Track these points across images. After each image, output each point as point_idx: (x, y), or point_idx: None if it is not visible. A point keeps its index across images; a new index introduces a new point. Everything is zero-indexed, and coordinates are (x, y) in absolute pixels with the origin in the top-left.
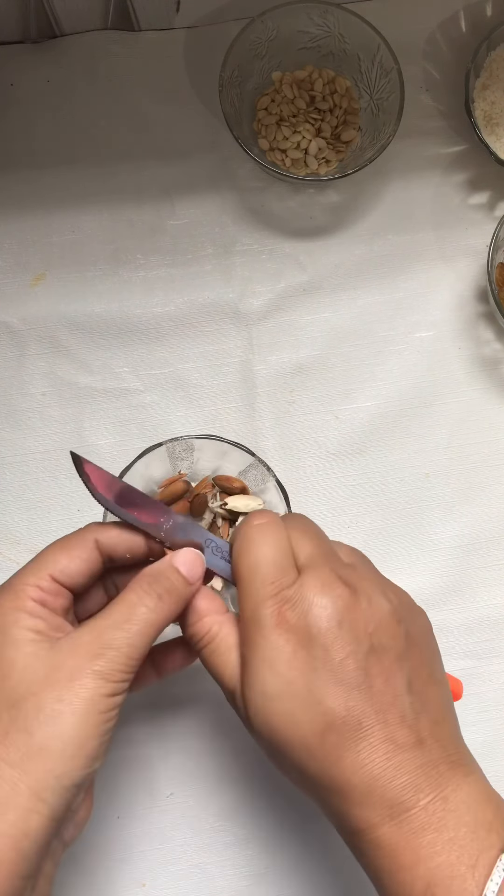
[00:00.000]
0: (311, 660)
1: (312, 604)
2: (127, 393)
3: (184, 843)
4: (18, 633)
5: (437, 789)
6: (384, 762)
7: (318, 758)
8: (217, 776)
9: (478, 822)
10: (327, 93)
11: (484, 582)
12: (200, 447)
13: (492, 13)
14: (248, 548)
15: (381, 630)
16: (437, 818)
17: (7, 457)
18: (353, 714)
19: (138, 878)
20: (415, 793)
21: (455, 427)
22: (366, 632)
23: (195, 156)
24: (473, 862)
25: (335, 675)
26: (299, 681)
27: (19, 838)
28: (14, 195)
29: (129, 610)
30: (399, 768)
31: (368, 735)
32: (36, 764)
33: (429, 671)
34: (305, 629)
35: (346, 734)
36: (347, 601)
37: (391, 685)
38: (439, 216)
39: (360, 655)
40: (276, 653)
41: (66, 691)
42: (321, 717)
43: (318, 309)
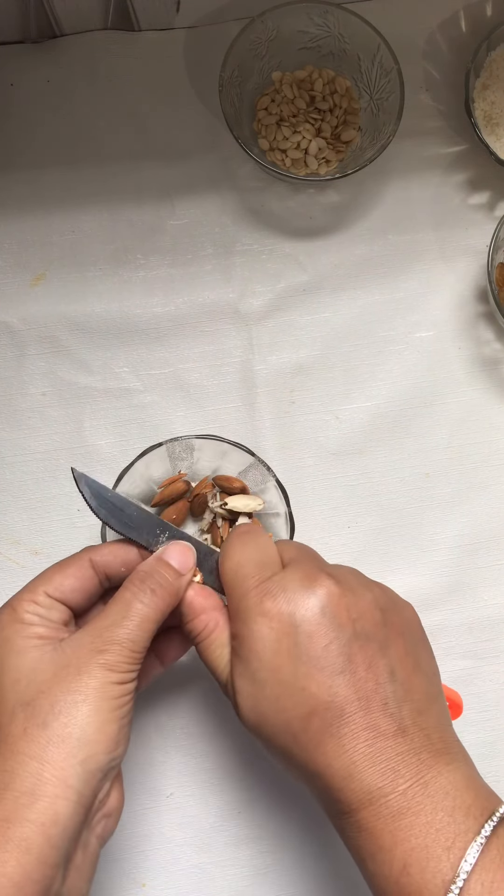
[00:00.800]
0: (296, 647)
1: (296, 593)
2: (127, 393)
3: (184, 843)
4: (21, 642)
5: (417, 776)
6: (365, 748)
7: (302, 743)
8: (217, 776)
9: (456, 806)
10: (327, 93)
11: (484, 582)
12: (200, 447)
13: (492, 13)
14: (230, 551)
15: (364, 618)
16: (415, 802)
17: (7, 457)
18: (336, 700)
19: (138, 878)
20: (394, 778)
21: (455, 427)
22: (349, 619)
23: (195, 156)
24: (449, 844)
25: (319, 661)
26: (284, 667)
27: (48, 825)
28: (14, 195)
29: (125, 607)
30: (379, 755)
31: (350, 721)
32: (58, 752)
33: (414, 661)
34: (289, 617)
35: (329, 720)
36: (331, 590)
37: (374, 673)
38: (439, 216)
39: (343, 642)
40: (262, 642)
41: (75, 683)
42: (305, 703)
43: (318, 309)
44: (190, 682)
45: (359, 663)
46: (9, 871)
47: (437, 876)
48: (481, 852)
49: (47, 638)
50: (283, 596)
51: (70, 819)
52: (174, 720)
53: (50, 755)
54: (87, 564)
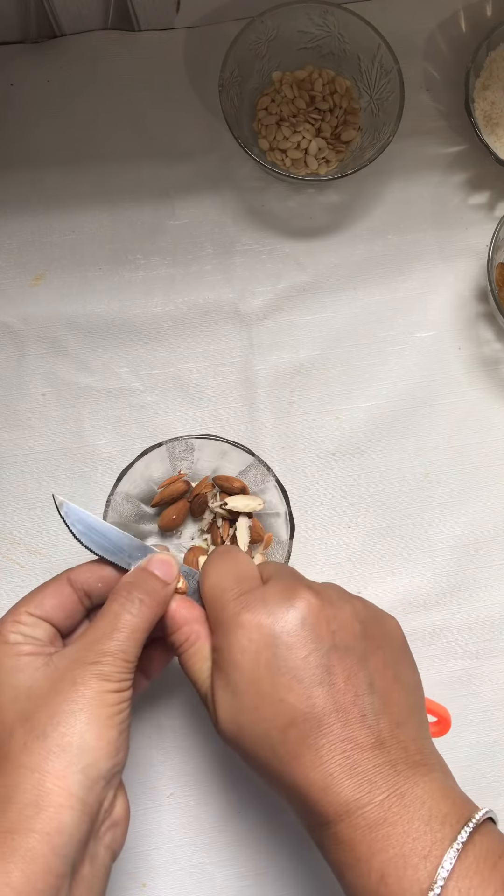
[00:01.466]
0: (275, 658)
1: (276, 605)
2: (127, 393)
3: (184, 843)
4: (11, 661)
5: (394, 787)
6: (342, 760)
7: (280, 754)
8: (217, 776)
9: (433, 815)
10: (327, 93)
11: (484, 582)
12: (200, 447)
13: (492, 13)
14: (211, 567)
15: (343, 630)
16: (391, 813)
17: (7, 457)
18: (315, 711)
19: (138, 878)
20: (371, 790)
21: (455, 427)
22: (329, 631)
23: (195, 156)
24: (426, 853)
25: (298, 672)
26: (264, 679)
27: (52, 835)
28: (14, 195)
29: (114, 619)
30: (356, 766)
31: (328, 733)
32: (58, 762)
33: (393, 673)
34: (269, 629)
35: (307, 731)
36: (310, 602)
37: (353, 685)
38: (439, 216)
39: (323, 654)
40: (241, 653)
41: (72, 694)
42: (284, 714)
43: (318, 309)
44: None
45: (338, 675)
46: (13, 881)
47: (414, 884)
48: (458, 859)
49: (35, 654)
50: (263, 608)
51: (75, 828)
52: (174, 721)
53: (50, 765)
54: (65, 582)
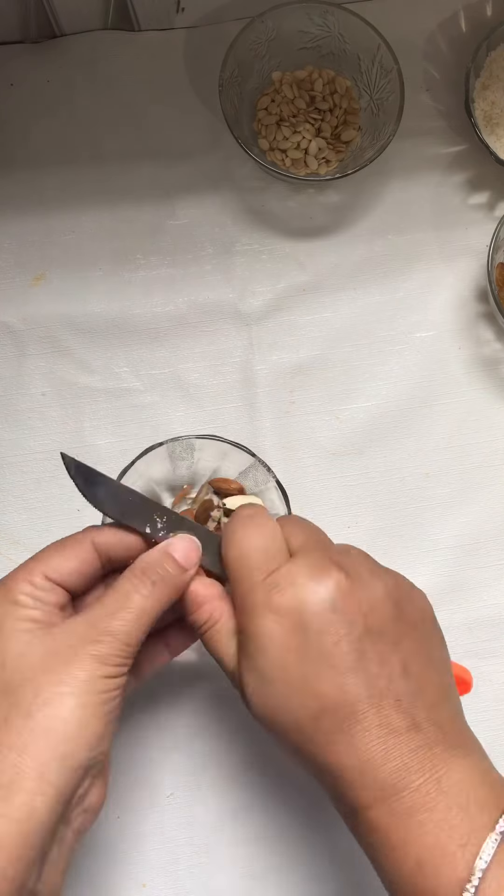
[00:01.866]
0: (305, 644)
1: (305, 588)
2: (127, 393)
3: (184, 843)
4: (12, 624)
5: (431, 771)
6: (378, 745)
7: (313, 741)
8: (217, 776)
9: (470, 802)
10: (327, 93)
11: (484, 582)
12: (201, 447)
13: (492, 13)
14: (235, 538)
15: (375, 613)
16: (429, 799)
17: (7, 457)
18: (348, 698)
19: (138, 878)
20: (406, 775)
21: (455, 427)
22: (360, 614)
23: (195, 156)
24: (464, 841)
25: (329, 659)
26: (293, 665)
27: (23, 821)
28: (14, 195)
29: (124, 598)
30: (392, 752)
31: (362, 719)
32: (38, 746)
33: (426, 654)
34: (298, 613)
35: (340, 718)
36: (340, 584)
37: (386, 669)
38: (439, 216)
39: (354, 639)
40: (269, 639)
41: (63, 674)
42: (315, 702)
43: (318, 309)
44: (191, 682)
45: (371, 660)
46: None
47: (452, 874)
48: (497, 848)
49: (41, 622)
50: (292, 590)
51: (47, 815)
52: (175, 720)
53: (30, 748)
54: (90, 546)
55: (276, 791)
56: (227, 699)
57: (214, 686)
